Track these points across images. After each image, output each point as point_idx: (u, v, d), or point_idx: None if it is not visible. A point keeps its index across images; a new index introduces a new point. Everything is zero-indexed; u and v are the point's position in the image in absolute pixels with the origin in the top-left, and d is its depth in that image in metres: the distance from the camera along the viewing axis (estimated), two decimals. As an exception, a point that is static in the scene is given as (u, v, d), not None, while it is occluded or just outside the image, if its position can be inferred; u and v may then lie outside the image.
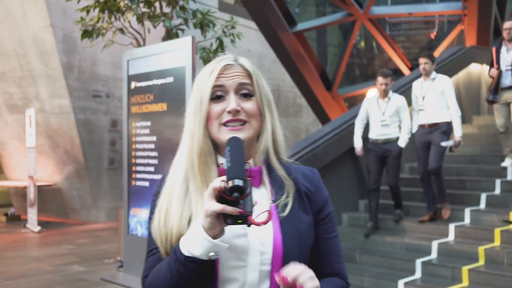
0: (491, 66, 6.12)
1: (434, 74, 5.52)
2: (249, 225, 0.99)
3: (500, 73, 5.97)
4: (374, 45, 13.18)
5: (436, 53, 10.78)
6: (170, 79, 4.96)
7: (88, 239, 7.90)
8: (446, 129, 5.40)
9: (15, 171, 10.55)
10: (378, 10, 10.66)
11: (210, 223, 0.99)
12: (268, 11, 9.92)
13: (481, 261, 4.70)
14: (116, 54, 8.88)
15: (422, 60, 5.46)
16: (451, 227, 5.23)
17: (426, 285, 4.56)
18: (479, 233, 5.08)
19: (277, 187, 1.18)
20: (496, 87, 5.98)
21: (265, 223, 1.01)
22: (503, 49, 6.07)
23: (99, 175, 9.47)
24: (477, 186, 5.94)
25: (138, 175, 5.31)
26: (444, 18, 11.55)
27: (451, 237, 5.19)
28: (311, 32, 11.91)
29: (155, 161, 5.11)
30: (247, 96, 1.16)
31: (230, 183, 0.97)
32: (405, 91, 6.53)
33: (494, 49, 6.15)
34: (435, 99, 5.41)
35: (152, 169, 5.14)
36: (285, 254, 1.10)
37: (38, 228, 8.49)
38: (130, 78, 5.42)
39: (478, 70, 8.60)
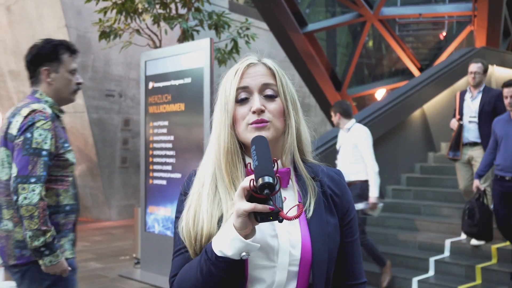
0: (454, 115, 5.20)
1: (350, 123, 4.73)
2: (281, 221, 0.98)
3: (461, 126, 5.03)
4: (383, 46, 13.24)
5: (445, 54, 10.85)
6: (188, 80, 5.06)
7: (102, 236, 8.02)
8: (360, 191, 4.56)
9: (28, 169, 10.69)
10: (388, 11, 10.73)
11: (242, 223, 1.00)
12: (279, 12, 10.02)
13: (494, 260, 4.77)
14: (129, 54, 9.00)
15: None
16: (464, 226, 5.30)
17: (439, 282, 4.64)
18: (491, 232, 5.15)
19: (304, 188, 1.18)
20: (457, 142, 5.05)
21: (297, 217, 0.99)
22: (467, 96, 5.09)
23: (111, 174, 9.59)
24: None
25: (156, 174, 5.41)
26: (453, 19, 11.59)
27: (463, 235, 5.26)
28: (321, 32, 11.99)
29: (172, 160, 5.21)
30: (272, 97, 1.16)
31: (260, 181, 0.97)
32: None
33: (458, 95, 5.24)
34: (349, 153, 4.69)
35: (169, 167, 5.24)
36: (314, 256, 1.12)
37: (52, 226, 8.61)
38: (148, 79, 5.52)
39: (488, 71, 8.62)
